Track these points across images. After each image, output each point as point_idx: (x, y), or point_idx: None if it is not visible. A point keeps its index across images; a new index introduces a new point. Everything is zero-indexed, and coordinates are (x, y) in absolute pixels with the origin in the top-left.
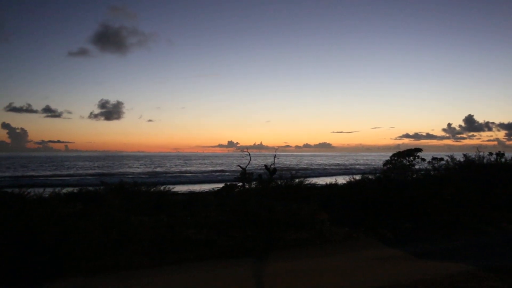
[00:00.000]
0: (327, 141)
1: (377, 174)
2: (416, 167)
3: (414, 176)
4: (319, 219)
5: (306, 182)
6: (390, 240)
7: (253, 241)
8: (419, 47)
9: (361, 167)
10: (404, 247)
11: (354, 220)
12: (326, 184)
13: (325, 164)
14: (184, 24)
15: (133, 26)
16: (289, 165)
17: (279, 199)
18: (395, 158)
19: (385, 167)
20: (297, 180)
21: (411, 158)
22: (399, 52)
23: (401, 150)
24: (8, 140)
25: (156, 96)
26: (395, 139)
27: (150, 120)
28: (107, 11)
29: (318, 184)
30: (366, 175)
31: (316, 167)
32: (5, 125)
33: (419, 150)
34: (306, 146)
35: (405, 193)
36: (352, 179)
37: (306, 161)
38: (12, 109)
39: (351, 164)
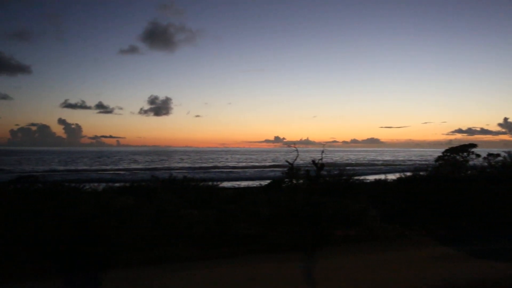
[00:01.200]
0: (375, 137)
1: (429, 170)
2: (471, 163)
3: (469, 172)
4: (369, 216)
5: (355, 178)
6: (444, 238)
7: (301, 237)
8: (475, 38)
9: (411, 163)
10: (459, 246)
11: (405, 218)
12: (375, 180)
13: (374, 160)
14: (231, 21)
15: (181, 23)
16: (337, 160)
17: (327, 195)
18: (448, 154)
19: (437, 163)
20: (345, 175)
21: (465, 154)
22: (451, 44)
23: (453, 145)
24: (64, 135)
25: (203, 92)
26: (447, 134)
27: (197, 116)
28: (156, 9)
29: (367, 180)
30: (417, 171)
31: (364, 162)
32: (61, 121)
33: (473, 145)
34: (354, 141)
35: (459, 190)
36: (403, 175)
37: (354, 157)
38: (68, 105)
39: (400, 160)
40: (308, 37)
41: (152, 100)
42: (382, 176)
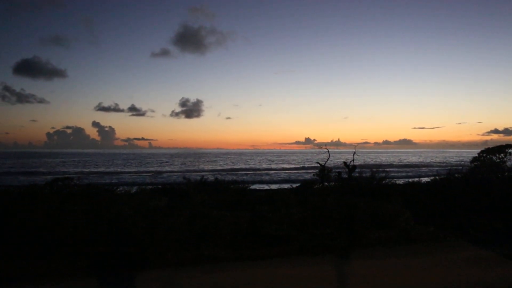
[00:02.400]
0: (408, 138)
1: (464, 171)
2: (508, 164)
3: (506, 174)
4: (402, 218)
5: (387, 180)
6: (481, 241)
7: (334, 239)
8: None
9: (445, 164)
10: (496, 248)
11: (440, 220)
12: (409, 181)
13: (406, 161)
14: (261, 22)
15: (212, 25)
16: (369, 162)
17: (359, 197)
18: (484, 155)
19: (472, 165)
20: (377, 177)
21: (502, 155)
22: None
23: (489, 146)
24: (98, 138)
25: (234, 94)
26: (482, 135)
27: (228, 118)
28: (187, 12)
29: (400, 181)
30: (452, 173)
31: (396, 164)
32: (95, 124)
33: (511, 146)
34: (386, 142)
35: (495, 191)
36: (437, 177)
37: (386, 158)
38: (101, 108)
39: (434, 161)
40: (339, 38)
41: (183, 103)
42: (416, 177)
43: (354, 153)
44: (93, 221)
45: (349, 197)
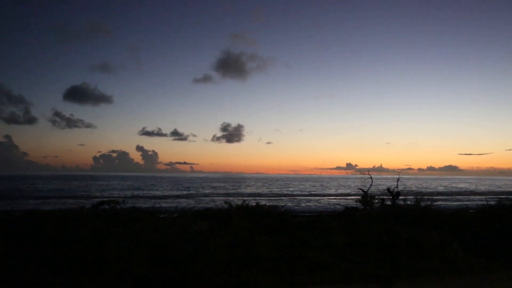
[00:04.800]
0: (454, 164)
1: None
2: None
3: None
4: (450, 248)
5: (433, 207)
6: None
7: (377, 268)
8: None
9: (494, 192)
10: None
11: (491, 251)
12: (456, 209)
13: (453, 188)
14: (301, 48)
15: (252, 51)
16: (413, 188)
17: (403, 225)
18: None
19: None
20: (422, 204)
21: None
22: None
23: None
24: (142, 162)
25: (274, 119)
26: None
27: (268, 143)
28: (229, 39)
29: (446, 209)
30: (503, 200)
31: (442, 191)
32: (139, 148)
33: None
34: (430, 169)
35: None
36: (486, 204)
37: (431, 185)
38: (145, 133)
39: (482, 189)
40: (380, 62)
41: (225, 127)
42: (463, 205)
43: (398, 179)
44: (136, 244)
45: (393, 225)
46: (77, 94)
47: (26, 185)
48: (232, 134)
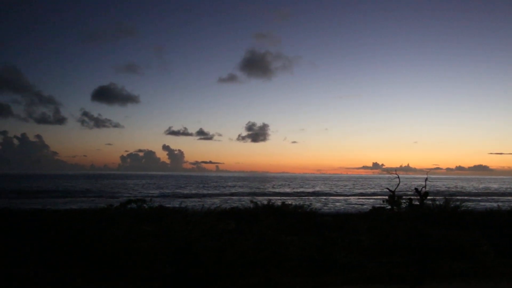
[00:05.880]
0: (484, 163)
1: None
2: None
3: None
4: (480, 249)
5: (463, 208)
6: None
7: (404, 268)
8: None
9: None
10: None
11: None
12: (486, 210)
13: (482, 188)
14: (326, 46)
15: (278, 51)
16: (441, 188)
17: (431, 225)
18: None
19: None
20: (451, 205)
21: None
22: None
23: None
24: (168, 161)
25: (299, 118)
26: None
27: (294, 142)
28: (253, 38)
29: (477, 210)
30: None
31: (472, 191)
32: (165, 147)
33: None
34: (459, 168)
35: None
36: None
37: (460, 185)
38: (171, 132)
39: None
40: (407, 60)
41: (250, 127)
42: (494, 206)
43: (426, 179)
44: (164, 243)
45: (421, 225)
46: (105, 95)
47: (56, 184)
48: (257, 134)
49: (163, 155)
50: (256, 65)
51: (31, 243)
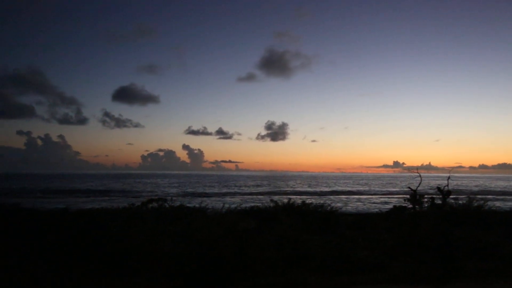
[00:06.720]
0: (508, 162)
1: None
2: None
3: None
4: (505, 248)
5: (487, 207)
6: None
7: (427, 268)
8: None
9: None
10: None
11: None
12: (511, 209)
13: (508, 187)
14: (346, 45)
15: (297, 49)
16: (464, 187)
17: (455, 224)
18: None
19: None
20: (475, 204)
21: None
22: None
23: None
24: (188, 160)
25: (319, 117)
26: None
27: (313, 141)
28: (272, 36)
29: (501, 209)
30: None
31: (496, 190)
32: (185, 146)
33: None
34: (482, 167)
35: None
36: None
37: (484, 184)
38: (191, 132)
39: None
40: (428, 58)
41: (269, 126)
42: None
43: (449, 177)
44: (186, 241)
45: (444, 224)
46: (126, 95)
47: (78, 184)
48: (276, 133)
49: (183, 155)
50: (275, 64)
51: (59, 242)
